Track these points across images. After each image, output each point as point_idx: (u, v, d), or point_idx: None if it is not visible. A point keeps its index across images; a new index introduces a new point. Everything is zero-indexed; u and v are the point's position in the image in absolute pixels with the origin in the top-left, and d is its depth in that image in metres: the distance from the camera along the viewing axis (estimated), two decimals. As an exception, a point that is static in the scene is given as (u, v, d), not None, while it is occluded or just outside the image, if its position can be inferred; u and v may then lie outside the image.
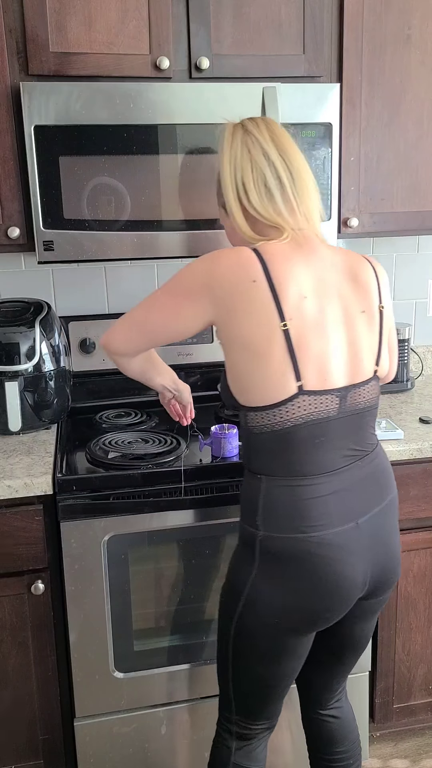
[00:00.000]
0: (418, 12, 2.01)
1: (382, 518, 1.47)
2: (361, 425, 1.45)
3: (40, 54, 1.81)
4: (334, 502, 1.40)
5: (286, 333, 1.34)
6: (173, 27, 1.87)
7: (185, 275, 1.42)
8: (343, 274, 1.44)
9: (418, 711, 2.18)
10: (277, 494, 1.41)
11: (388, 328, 1.52)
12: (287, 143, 1.44)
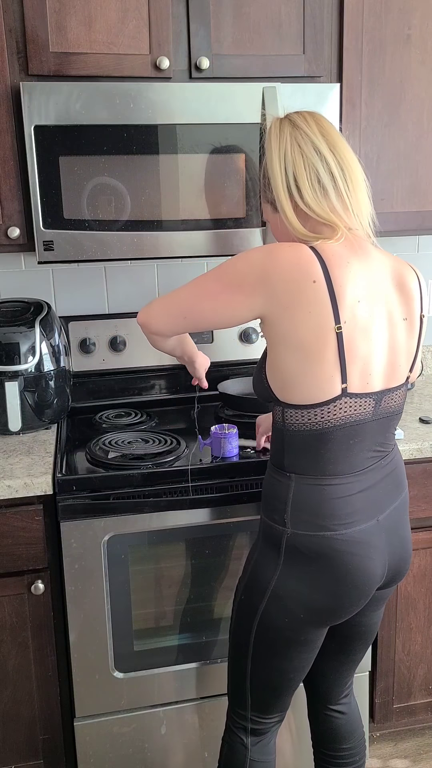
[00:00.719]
0: (418, 12, 2.01)
1: (398, 513, 1.51)
2: (387, 427, 1.48)
3: (40, 54, 1.81)
4: (360, 501, 1.44)
5: (339, 336, 1.34)
6: (173, 27, 1.87)
7: (240, 265, 1.39)
8: (391, 279, 1.45)
9: (418, 711, 2.18)
10: (307, 493, 1.42)
11: (424, 335, 1.53)
12: (337, 138, 1.41)
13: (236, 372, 2.34)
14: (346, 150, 1.41)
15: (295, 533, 1.42)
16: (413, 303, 1.47)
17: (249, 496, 1.80)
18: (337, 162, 1.39)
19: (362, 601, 1.47)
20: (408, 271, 1.48)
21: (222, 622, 1.93)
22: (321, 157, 1.38)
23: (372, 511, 1.45)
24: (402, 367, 1.46)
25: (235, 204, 1.94)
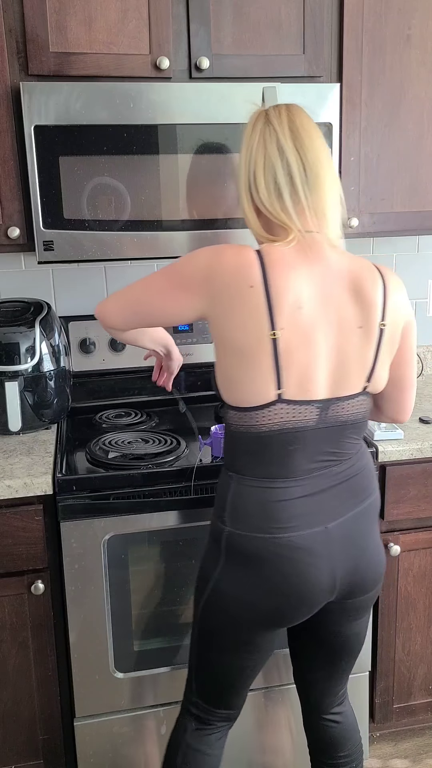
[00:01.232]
0: (418, 12, 2.01)
1: (356, 522, 1.46)
2: (343, 435, 1.44)
3: (40, 54, 1.81)
4: (303, 506, 1.41)
5: (274, 342, 1.33)
6: (173, 27, 1.87)
7: (187, 264, 1.40)
8: (346, 285, 1.39)
9: (418, 711, 2.18)
10: (246, 494, 1.42)
11: (391, 345, 1.45)
12: (307, 136, 1.37)
13: (236, 372, 2.33)
14: (316, 149, 1.37)
15: (233, 532, 1.42)
16: (372, 311, 1.40)
17: (249, 496, 1.80)
18: (300, 161, 1.36)
19: (304, 609, 1.45)
20: (371, 278, 1.41)
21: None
22: (282, 156, 1.35)
23: (318, 518, 1.41)
24: (354, 376, 1.41)
25: (234, 204, 1.94)
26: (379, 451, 1.91)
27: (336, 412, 1.41)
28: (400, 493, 1.96)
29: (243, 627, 1.46)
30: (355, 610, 1.54)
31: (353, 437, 1.46)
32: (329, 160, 1.40)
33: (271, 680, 1.98)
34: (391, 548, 1.98)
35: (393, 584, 2.04)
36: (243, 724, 1.97)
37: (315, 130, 1.40)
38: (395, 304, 1.44)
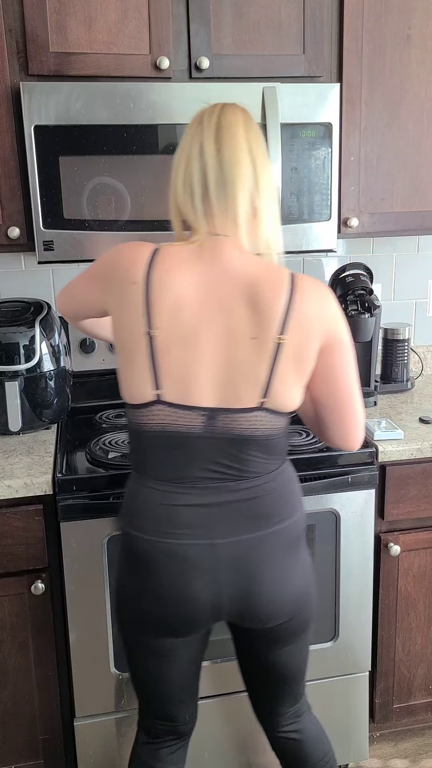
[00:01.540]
0: (418, 12, 2.01)
1: (254, 547, 1.39)
2: (243, 451, 1.36)
3: (40, 54, 1.81)
4: (188, 515, 1.37)
5: (150, 340, 1.31)
6: (173, 27, 1.87)
7: (100, 259, 1.44)
8: (241, 293, 1.32)
9: (418, 711, 2.18)
10: (139, 493, 1.42)
11: (298, 362, 1.34)
12: (231, 138, 1.32)
13: (236, 372, 2.33)
14: (235, 152, 1.32)
15: (128, 532, 1.43)
16: (268, 323, 1.31)
17: (249, 496, 1.80)
18: (217, 164, 1.32)
19: (186, 621, 1.41)
20: (273, 287, 1.32)
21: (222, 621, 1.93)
22: (201, 157, 1.33)
23: (205, 531, 1.36)
24: (244, 389, 1.33)
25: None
26: (379, 451, 1.91)
27: (226, 424, 1.34)
28: (400, 493, 1.96)
29: (143, 633, 1.45)
30: (275, 641, 1.48)
31: (259, 456, 1.37)
32: (250, 164, 1.33)
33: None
34: (391, 548, 1.98)
35: (393, 584, 2.04)
36: (241, 725, 1.97)
37: (243, 132, 1.34)
38: (306, 318, 1.33)
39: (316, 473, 1.85)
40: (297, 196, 1.97)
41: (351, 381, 1.42)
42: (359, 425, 1.45)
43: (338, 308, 1.40)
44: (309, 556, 1.52)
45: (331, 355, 1.38)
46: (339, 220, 2.08)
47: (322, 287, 1.39)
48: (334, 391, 1.41)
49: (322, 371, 1.39)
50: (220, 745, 1.98)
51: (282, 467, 1.45)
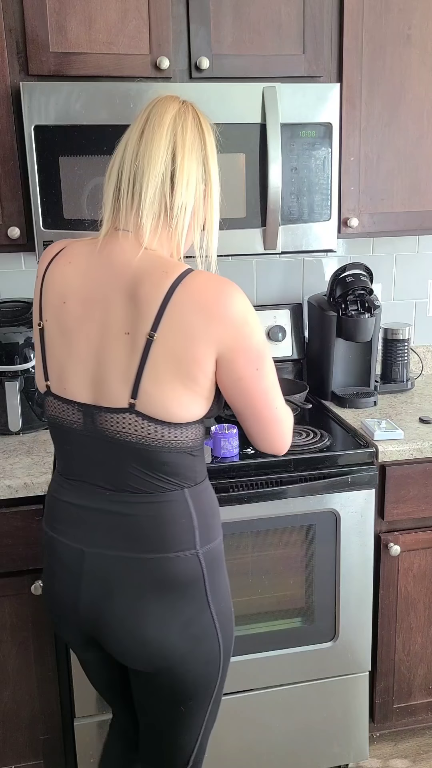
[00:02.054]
0: (418, 12, 2.01)
1: (116, 569, 1.29)
2: (119, 457, 1.27)
3: (40, 54, 1.81)
4: (66, 512, 1.34)
5: (41, 332, 1.33)
6: (173, 27, 1.87)
7: None
8: (122, 286, 1.25)
9: (418, 711, 2.18)
10: (52, 481, 1.44)
11: (175, 364, 1.22)
12: (151, 133, 1.28)
13: (236, 372, 2.34)
14: (151, 148, 1.27)
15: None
16: (143, 318, 1.21)
17: (249, 496, 1.80)
18: (134, 156, 1.27)
19: (63, 619, 1.38)
20: (155, 282, 1.22)
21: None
22: (123, 151, 1.30)
23: (76, 534, 1.32)
24: (115, 386, 1.24)
25: (234, 204, 1.94)
26: (379, 451, 1.91)
27: (101, 424, 1.27)
28: (400, 493, 1.96)
29: (56, 623, 1.45)
30: (143, 687, 1.38)
31: (137, 468, 1.27)
32: (165, 160, 1.27)
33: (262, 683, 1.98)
34: (391, 548, 1.98)
35: (393, 584, 2.04)
36: (241, 725, 1.97)
37: (170, 125, 1.29)
38: (187, 317, 1.21)
39: (316, 473, 1.86)
40: (297, 196, 1.97)
41: (265, 390, 1.29)
42: (283, 432, 1.35)
43: (243, 310, 1.23)
44: (206, 625, 1.32)
45: (234, 363, 1.24)
46: (339, 220, 2.08)
47: (221, 286, 1.23)
48: (248, 402, 1.30)
49: (230, 380, 1.27)
50: (220, 745, 1.97)
51: (174, 495, 1.29)
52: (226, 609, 1.38)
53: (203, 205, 1.32)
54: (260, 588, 1.94)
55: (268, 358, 1.29)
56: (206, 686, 1.35)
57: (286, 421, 1.36)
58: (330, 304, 2.24)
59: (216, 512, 1.38)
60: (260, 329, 1.28)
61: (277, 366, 2.34)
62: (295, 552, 1.94)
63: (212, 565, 1.33)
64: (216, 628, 1.34)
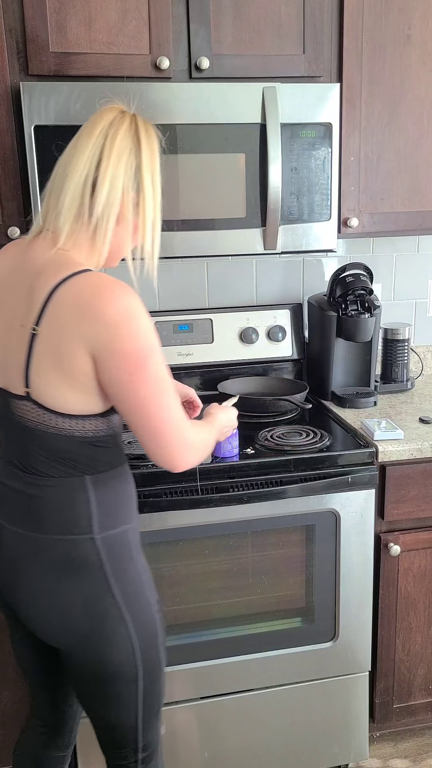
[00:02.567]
0: (418, 12, 2.01)
1: (26, 548, 1.36)
2: (25, 440, 1.33)
3: (40, 54, 1.81)
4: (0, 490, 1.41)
5: None
6: (173, 27, 1.87)
7: None
8: (25, 281, 1.32)
9: (418, 711, 2.18)
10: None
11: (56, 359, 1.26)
12: (85, 136, 1.33)
13: (236, 372, 2.34)
14: (76, 152, 1.33)
15: None
16: (31, 312, 1.28)
17: (249, 496, 1.80)
18: (63, 163, 1.35)
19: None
20: (49, 278, 1.28)
21: (222, 621, 1.93)
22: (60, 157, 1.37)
23: (2, 510, 1.39)
24: (14, 374, 1.31)
25: (235, 204, 1.94)
26: (379, 451, 1.91)
27: (12, 408, 1.33)
28: (400, 493, 1.96)
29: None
30: (67, 664, 1.43)
31: (41, 453, 1.32)
32: (89, 163, 1.31)
33: (262, 683, 1.98)
34: (391, 548, 1.98)
35: (393, 584, 2.04)
36: (240, 725, 1.97)
37: (102, 130, 1.32)
38: (64, 313, 1.25)
39: (316, 473, 1.86)
40: (297, 196, 1.97)
41: (145, 398, 1.27)
42: (168, 446, 1.32)
43: (122, 311, 1.24)
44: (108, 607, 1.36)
45: (107, 365, 1.25)
46: (339, 220, 2.08)
47: (104, 286, 1.26)
48: (125, 408, 1.29)
49: (106, 382, 1.27)
50: (220, 745, 1.98)
51: (73, 481, 1.34)
52: (140, 596, 1.41)
53: (134, 213, 1.36)
54: (260, 588, 1.94)
55: (150, 366, 1.26)
56: (122, 668, 1.39)
57: (175, 436, 1.32)
58: (330, 304, 2.24)
59: (124, 502, 1.40)
60: (145, 335, 1.25)
61: (277, 366, 2.38)
62: (295, 552, 1.94)
63: (114, 551, 1.37)
64: (122, 611, 1.37)
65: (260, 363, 2.37)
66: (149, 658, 1.42)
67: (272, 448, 1.90)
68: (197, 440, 1.39)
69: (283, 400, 2.11)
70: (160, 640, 1.45)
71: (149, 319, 1.29)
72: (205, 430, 1.49)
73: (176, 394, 1.34)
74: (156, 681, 1.46)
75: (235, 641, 1.93)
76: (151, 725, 1.51)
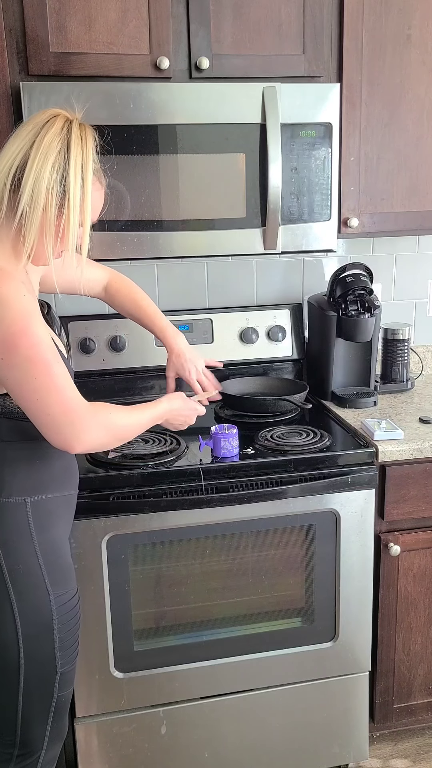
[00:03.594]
0: (418, 12, 2.01)
1: None
2: None
3: (40, 54, 1.81)
4: None
5: None
6: (173, 27, 1.87)
7: None
8: None
9: (418, 711, 2.18)
10: None
11: None
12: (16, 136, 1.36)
13: (236, 372, 2.34)
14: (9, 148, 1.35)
15: None
16: None
17: (249, 496, 1.80)
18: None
19: None
20: None
21: (222, 621, 1.93)
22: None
23: None
24: None
25: (234, 204, 1.94)
26: (379, 451, 1.91)
27: None
28: (400, 493, 1.96)
29: None
30: None
31: None
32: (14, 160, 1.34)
33: (262, 683, 1.98)
34: (391, 548, 1.98)
35: (393, 584, 2.04)
36: (240, 725, 1.97)
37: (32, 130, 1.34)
38: None
39: (316, 473, 1.86)
40: (297, 196, 1.97)
41: (17, 381, 1.34)
42: (64, 426, 1.37)
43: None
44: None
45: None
46: (339, 220, 2.08)
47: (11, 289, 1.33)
48: (10, 391, 1.36)
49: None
50: (220, 745, 1.98)
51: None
52: (32, 577, 1.40)
53: (58, 216, 1.35)
54: (260, 588, 1.94)
55: (20, 347, 1.31)
56: (2, 650, 1.38)
57: (60, 416, 1.35)
58: (330, 304, 2.24)
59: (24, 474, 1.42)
60: (10, 319, 1.30)
61: (277, 366, 2.38)
62: (295, 552, 1.94)
63: (4, 521, 1.39)
64: (8, 588, 1.38)
65: (260, 363, 2.37)
66: (36, 650, 1.40)
67: (272, 448, 1.90)
68: (100, 422, 1.42)
69: (283, 400, 2.11)
70: (56, 637, 1.43)
71: (23, 303, 1.32)
72: (132, 415, 1.51)
73: (65, 373, 1.36)
74: (45, 681, 1.44)
75: (235, 641, 1.93)
76: (35, 726, 1.47)
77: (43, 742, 1.50)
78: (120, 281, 1.89)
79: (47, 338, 1.35)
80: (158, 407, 1.62)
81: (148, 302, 1.88)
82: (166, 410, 1.65)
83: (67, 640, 1.47)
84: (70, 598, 1.48)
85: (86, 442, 1.40)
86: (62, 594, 1.46)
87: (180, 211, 1.91)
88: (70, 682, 1.53)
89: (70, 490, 1.55)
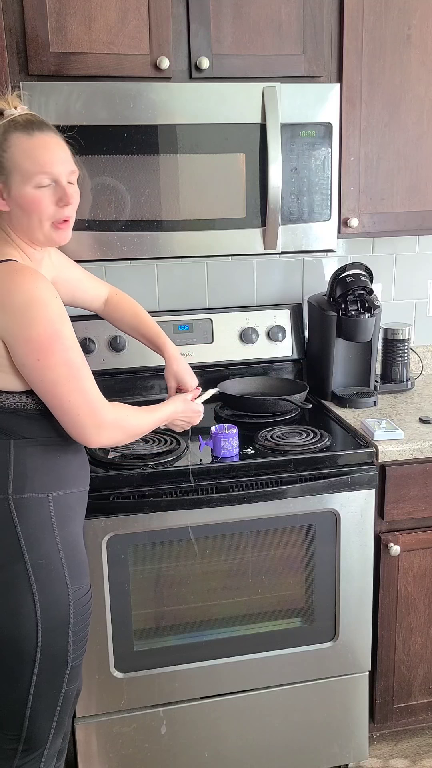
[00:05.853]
0: (418, 12, 2.01)
1: None
2: None
3: (40, 54, 1.81)
4: None
5: None
6: (173, 27, 1.87)
7: None
8: None
9: (418, 711, 2.18)
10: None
11: None
12: None
13: (236, 372, 2.34)
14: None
15: None
16: None
17: (249, 496, 1.80)
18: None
19: None
20: None
21: (222, 621, 1.93)
22: None
23: None
24: None
25: (234, 204, 1.94)
26: (379, 451, 1.91)
27: None
28: (400, 493, 1.96)
29: None
30: None
31: None
32: None
33: (262, 683, 1.98)
34: (391, 548, 1.98)
35: (393, 584, 2.04)
36: (240, 725, 1.97)
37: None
38: None
39: (316, 473, 1.86)
40: (297, 196, 1.97)
41: (53, 382, 1.37)
42: (88, 426, 1.42)
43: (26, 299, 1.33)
44: (17, 575, 1.40)
45: (16, 350, 1.35)
46: (339, 220, 2.08)
47: (10, 275, 1.35)
48: (39, 389, 1.39)
49: (18, 365, 1.37)
50: (220, 745, 1.98)
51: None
52: (53, 572, 1.42)
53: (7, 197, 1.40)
54: (260, 588, 1.94)
55: (56, 351, 1.35)
56: (20, 643, 1.39)
57: (88, 416, 1.41)
58: (330, 304, 2.24)
59: (51, 470, 1.45)
60: (49, 321, 1.34)
61: (277, 366, 2.38)
62: (295, 552, 1.94)
63: (30, 516, 1.40)
64: (30, 582, 1.39)
65: (260, 363, 2.37)
66: (52, 644, 1.41)
67: (272, 448, 1.90)
68: (119, 422, 1.48)
69: (283, 400, 2.11)
70: (71, 631, 1.45)
71: (58, 305, 1.35)
72: (144, 416, 1.57)
73: (90, 376, 1.41)
74: (56, 674, 1.45)
75: (235, 641, 1.93)
76: (42, 721, 1.48)
77: (48, 737, 1.51)
78: (120, 295, 1.89)
79: (77, 341, 1.40)
80: (165, 409, 1.67)
81: (148, 316, 1.87)
82: (172, 412, 1.69)
83: (79, 633, 1.50)
84: (85, 593, 1.51)
85: (104, 440, 1.47)
86: (79, 588, 1.49)
87: (180, 211, 1.91)
88: (77, 676, 1.55)
89: (86, 486, 1.59)
